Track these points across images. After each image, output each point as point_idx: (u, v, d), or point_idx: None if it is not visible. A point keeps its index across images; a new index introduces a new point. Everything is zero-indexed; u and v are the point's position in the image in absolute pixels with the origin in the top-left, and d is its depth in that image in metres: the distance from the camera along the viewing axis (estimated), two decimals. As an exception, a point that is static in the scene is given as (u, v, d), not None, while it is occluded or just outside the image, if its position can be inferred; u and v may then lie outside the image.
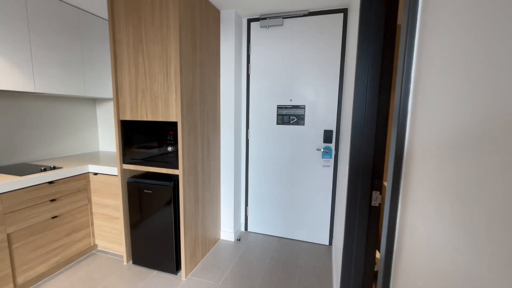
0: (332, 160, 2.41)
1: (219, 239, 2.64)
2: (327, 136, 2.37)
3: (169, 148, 1.89)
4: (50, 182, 1.92)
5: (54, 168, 2.03)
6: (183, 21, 1.78)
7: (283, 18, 2.36)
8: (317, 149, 2.43)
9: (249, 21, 2.48)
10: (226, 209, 2.60)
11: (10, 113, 2.14)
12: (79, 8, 2.29)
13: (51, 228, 1.96)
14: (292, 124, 2.47)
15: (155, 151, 1.95)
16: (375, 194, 1.11)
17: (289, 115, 2.47)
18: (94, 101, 2.90)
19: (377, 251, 1.57)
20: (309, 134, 2.44)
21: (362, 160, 1.11)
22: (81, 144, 2.77)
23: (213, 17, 2.23)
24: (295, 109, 2.44)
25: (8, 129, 2.13)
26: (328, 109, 2.36)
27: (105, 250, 2.37)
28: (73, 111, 2.66)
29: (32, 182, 1.80)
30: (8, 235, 1.69)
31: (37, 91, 2.00)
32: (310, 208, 2.56)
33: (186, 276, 2.02)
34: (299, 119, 2.44)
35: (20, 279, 1.78)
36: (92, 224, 2.30)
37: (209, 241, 2.41)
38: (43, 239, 1.91)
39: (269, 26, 2.40)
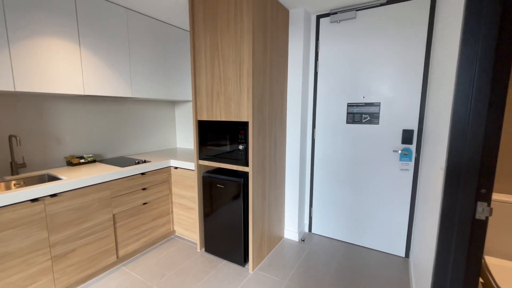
0: (412, 164, 2.16)
1: (282, 237, 2.66)
2: (407, 136, 2.13)
3: (240, 147, 1.99)
4: (142, 174, 2.25)
5: (145, 161, 2.37)
6: (256, 24, 1.85)
7: (356, 10, 2.21)
8: (394, 151, 2.21)
9: (318, 17, 2.41)
10: (290, 209, 2.60)
11: (113, 115, 2.59)
12: (165, 22, 2.60)
13: (142, 213, 2.30)
14: (364, 123, 2.30)
15: (227, 148, 2.08)
16: (482, 205, 0.94)
17: (361, 114, 2.30)
18: (173, 103, 3.27)
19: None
20: (384, 134, 2.24)
21: (464, 165, 0.95)
22: (162, 141, 3.16)
23: (283, 17, 2.25)
24: (368, 107, 2.27)
25: (112, 128, 2.58)
26: (408, 106, 2.12)
27: (182, 236, 2.65)
28: (157, 113, 3.05)
29: (130, 172, 2.14)
30: (113, 215, 2.06)
31: (133, 96, 2.37)
32: (382, 215, 2.35)
33: (253, 270, 2.10)
34: (373, 118, 2.26)
35: (120, 252, 2.14)
36: (172, 212, 2.60)
37: (274, 239, 2.46)
38: (136, 222, 2.25)
39: (340, 21, 2.29)
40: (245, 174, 2.13)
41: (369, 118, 2.27)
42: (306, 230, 2.81)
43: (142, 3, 2.15)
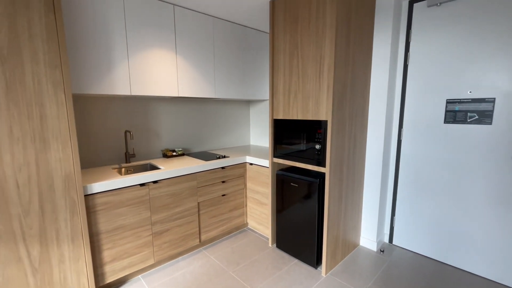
0: (540, 175, 1.69)
1: (358, 244, 2.48)
2: (535, 140, 1.68)
3: (317, 146, 1.94)
4: (222, 168, 2.45)
5: (224, 157, 2.57)
6: (339, 16, 1.76)
7: (464, -12, 1.86)
8: (512, 158, 1.78)
9: (411, 2, 2.12)
10: (369, 215, 2.40)
11: (197, 114, 2.89)
12: (243, 25, 2.75)
13: (221, 203, 2.50)
14: (470, 122, 1.92)
15: (302, 147, 2.06)
16: None
17: (466, 112, 1.93)
18: (249, 102, 3.44)
19: None
20: (500, 136, 1.82)
21: None
22: (238, 139, 3.37)
23: (368, 6, 2.07)
24: (476, 104, 1.88)
25: (196, 125, 2.90)
26: (538, 102, 1.66)
27: (254, 229, 2.78)
28: (234, 112, 3.27)
29: (213, 166, 2.36)
30: (198, 203, 2.31)
31: (216, 97, 2.60)
32: (492, 235, 1.92)
33: (326, 273, 2.04)
34: (483, 117, 1.86)
35: (202, 237, 2.39)
36: (246, 206, 2.75)
37: (349, 245, 2.32)
38: (215, 211, 2.47)
39: (440, 3, 1.96)
40: (321, 175, 2.07)
41: (477, 117, 1.88)
42: (386, 240, 2.54)
43: (227, 10, 2.33)
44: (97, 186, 1.70)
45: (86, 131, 2.14)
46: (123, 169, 2.23)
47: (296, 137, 2.11)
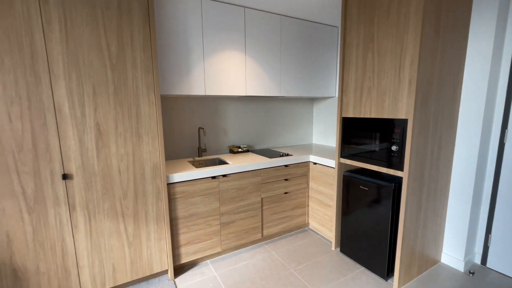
0: None
1: (439, 261, 2.17)
2: None
3: (393, 147, 1.76)
4: (286, 166, 2.46)
5: (288, 155, 2.57)
6: (427, 2, 1.55)
7: None
8: None
9: (527, -27, 1.72)
10: (455, 229, 2.07)
11: (261, 112, 2.96)
12: (310, 21, 2.68)
13: (283, 201, 2.52)
14: None
15: (374, 148, 1.91)
16: None
17: None
18: (312, 100, 3.35)
19: None
20: None
21: None
22: (300, 137, 3.32)
23: (463, -14, 1.77)
24: None
25: (260, 123, 2.97)
26: None
27: (316, 230, 2.71)
28: (297, 109, 3.23)
29: (276, 164, 2.39)
30: (262, 198, 2.38)
31: (281, 95, 2.62)
32: None
33: (398, 287, 1.85)
34: None
35: (264, 232, 2.46)
36: (308, 206, 2.70)
37: (427, 260, 2.05)
38: (277, 208, 2.50)
39: None
40: (396, 179, 1.88)
41: None
42: (477, 261, 2.15)
43: (295, 7, 2.30)
44: (177, 176, 1.92)
45: (167, 127, 2.43)
46: (196, 162, 2.45)
47: (367, 137, 1.96)
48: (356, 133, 2.05)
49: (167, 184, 1.90)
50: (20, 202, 1.46)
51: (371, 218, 1.98)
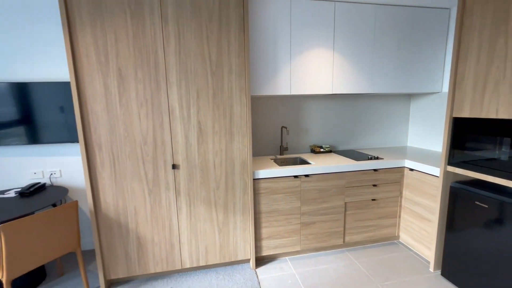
0: None
1: None
2: None
3: (533, 158, 1.36)
4: (375, 170, 2.25)
5: (377, 158, 2.34)
6: None
7: None
8: None
9: None
10: None
11: (346, 110, 2.78)
12: (411, 6, 2.33)
13: (369, 208, 2.32)
14: None
15: (502, 157, 1.51)
16: None
17: None
18: (409, 96, 2.92)
19: None
20: None
21: None
22: (391, 138, 2.96)
23: None
24: None
25: (344, 122, 2.80)
26: None
27: (408, 245, 2.38)
28: (389, 107, 2.88)
29: (364, 167, 2.21)
30: (345, 203, 2.25)
31: (372, 92, 2.39)
32: None
33: None
34: None
35: (346, 238, 2.32)
36: (399, 216, 2.39)
37: None
38: (362, 215, 2.31)
39: None
40: (534, 198, 1.45)
41: None
42: None
43: (394, -7, 2.05)
44: (262, 173, 2.02)
45: (252, 126, 2.59)
46: (278, 160, 2.52)
47: (489, 142, 1.58)
48: (472, 137, 1.68)
49: (253, 179, 2.02)
50: (143, 185, 1.85)
51: (491, 242, 1.59)
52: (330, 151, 2.67)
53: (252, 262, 2.12)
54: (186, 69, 1.76)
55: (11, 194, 2.08)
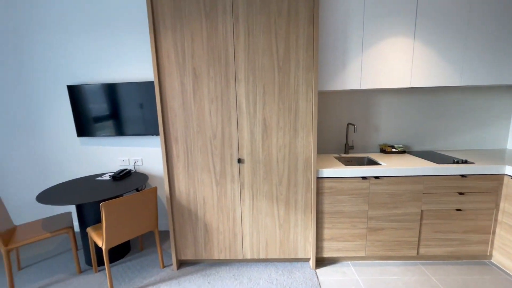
0: None
1: None
2: None
3: None
4: (462, 176, 1.92)
5: (466, 162, 1.99)
6: None
7: None
8: None
9: None
10: None
11: (427, 106, 2.43)
12: (528, -25, 1.88)
13: (453, 219, 2.00)
14: None
15: None
16: None
17: None
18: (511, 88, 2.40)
19: None
20: None
21: None
22: (484, 139, 2.48)
23: None
24: None
25: (421, 119, 2.46)
26: None
27: (503, 268, 1.98)
28: (483, 102, 2.42)
29: (448, 171, 1.91)
30: (421, 211, 1.99)
31: (462, 84, 2.03)
32: None
33: None
34: None
35: (421, 250, 2.06)
36: (493, 233, 2.00)
37: None
38: (443, 226, 2.01)
39: None
40: None
41: None
42: None
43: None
44: (326, 172, 1.94)
45: (317, 122, 2.49)
46: (342, 159, 2.38)
47: None
48: None
49: (317, 177, 1.96)
50: (211, 176, 1.97)
51: None
52: (403, 152, 2.40)
53: (312, 262, 2.07)
54: (253, 65, 1.79)
55: (107, 177, 2.48)
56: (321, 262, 2.16)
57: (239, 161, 1.93)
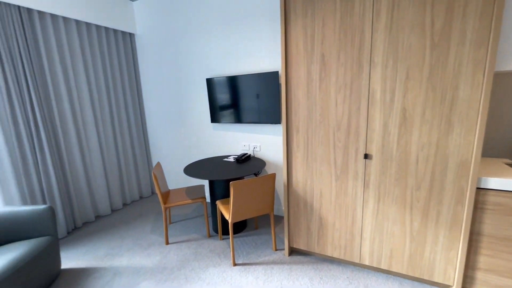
0: None
1: None
2: None
3: None
4: None
5: None
6: None
7: None
8: None
9: None
10: None
11: None
12: None
13: None
14: None
15: None
16: None
17: None
18: None
19: None
20: None
21: None
22: None
23: None
24: None
25: None
26: None
27: None
28: None
29: None
30: None
31: None
32: None
33: None
34: None
35: None
36: None
37: None
38: None
39: None
40: None
41: None
42: None
43: None
44: (493, 182, 1.45)
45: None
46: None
47: None
48: None
49: (476, 188, 1.50)
50: (331, 170, 1.86)
51: None
52: None
53: (454, 292, 1.64)
54: (396, 46, 1.51)
55: (231, 159, 2.81)
56: (467, 295, 1.69)
57: (366, 156, 1.72)
